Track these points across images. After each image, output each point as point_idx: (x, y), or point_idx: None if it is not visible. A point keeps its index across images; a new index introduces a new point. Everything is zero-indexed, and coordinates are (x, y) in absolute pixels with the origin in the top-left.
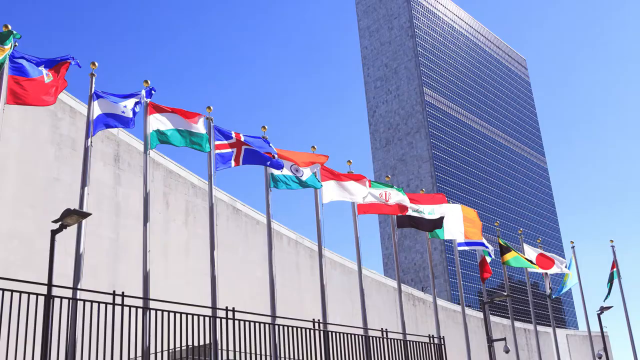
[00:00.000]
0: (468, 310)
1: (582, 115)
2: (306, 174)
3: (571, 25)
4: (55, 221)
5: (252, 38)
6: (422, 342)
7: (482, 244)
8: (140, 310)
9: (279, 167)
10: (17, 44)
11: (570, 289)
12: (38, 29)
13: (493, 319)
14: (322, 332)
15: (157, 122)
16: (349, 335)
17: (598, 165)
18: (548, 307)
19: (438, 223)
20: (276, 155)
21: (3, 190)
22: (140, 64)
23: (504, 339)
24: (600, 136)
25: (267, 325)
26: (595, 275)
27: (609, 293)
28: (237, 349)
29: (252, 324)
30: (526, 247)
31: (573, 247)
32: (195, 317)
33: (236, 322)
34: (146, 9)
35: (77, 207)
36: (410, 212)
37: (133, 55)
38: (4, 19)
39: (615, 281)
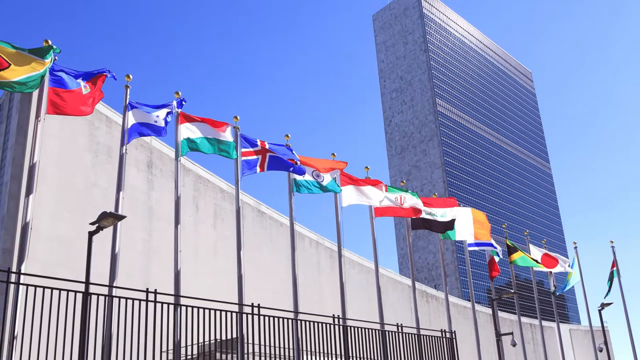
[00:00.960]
0: (478, 307)
1: (584, 123)
2: (326, 179)
3: (574, 41)
4: (92, 223)
5: (276, 53)
6: (434, 336)
7: (491, 245)
8: (171, 307)
9: (301, 172)
10: (56, 57)
11: (573, 287)
12: (77, 43)
13: (501, 314)
14: (341, 327)
15: (188, 130)
16: (366, 330)
17: (599, 170)
18: (552, 303)
19: (450, 225)
20: (298, 162)
21: (44, 194)
22: (171, 76)
23: (511, 334)
24: (601, 143)
25: (290, 321)
26: (596, 274)
27: (609, 290)
28: (262, 342)
29: (276, 319)
30: (532, 247)
31: (575, 247)
32: (223, 313)
33: (261, 317)
34: (177, 25)
35: (112, 211)
36: (423, 215)
37: (165, 67)
38: (44, 34)
39: (615, 279)
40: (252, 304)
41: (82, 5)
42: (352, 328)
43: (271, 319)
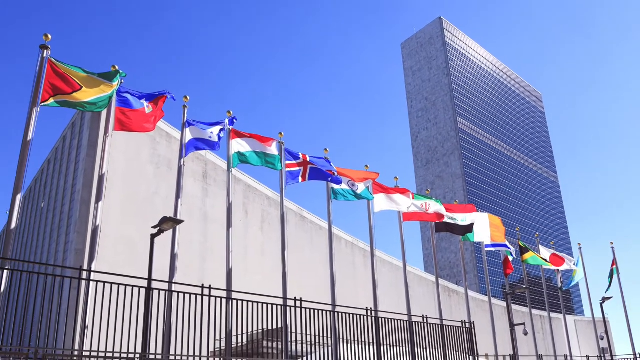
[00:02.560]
0: (494, 300)
1: (587, 138)
2: (360, 188)
3: (579, 67)
4: (154, 227)
5: (317, 77)
6: (456, 327)
7: (505, 246)
8: (224, 301)
9: (338, 182)
10: (122, 80)
11: (577, 283)
12: (141, 66)
13: (514, 307)
14: (373, 318)
15: (238, 145)
16: (395, 321)
17: (600, 180)
18: (559, 297)
19: (469, 228)
20: (336, 173)
21: (112, 202)
22: (224, 96)
23: (523, 324)
24: (602, 156)
25: (328, 313)
26: (598, 271)
27: (609, 286)
28: (304, 332)
29: (316, 311)
30: (541, 248)
31: (580, 248)
32: (270, 306)
33: (303, 310)
34: (230, 53)
35: (172, 216)
36: (446, 220)
37: (219, 89)
38: (111, 59)
39: (615, 276)
40: (295, 298)
41: (144, 36)
42: (383, 319)
43: (312, 311)
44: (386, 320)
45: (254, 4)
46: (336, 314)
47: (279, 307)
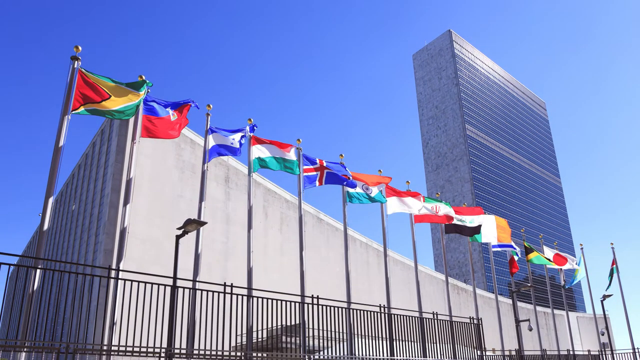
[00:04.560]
0: (500, 298)
1: (589, 144)
2: (374, 191)
3: (581, 77)
4: (179, 228)
5: (334, 87)
6: (464, 323)
7: (511, 246)
8: (245, 298)
9: (353, 186)
10: (149, 90)
11: (579, 281)
12: (167, 77)
13: (519, 304)
14: (386, 315)
15: (259, 151)
16: (407, 317)
17: (601, 184)
18: (562, 295)
19: (477, 230)
20: (351, 177)
21: (139, 204)
22: (245, 104)
23: (528, 320)
24: (603, 161)
25: (343, 309)
26: (599, 270)
27: (609, 284)
28: (321, 327)
29: (332, 308)
30: (545, 248)
31: (582, 248)
32: (288, 303)
33: (320, 306)
34: (251, 64)
35: (196, 217)
36: (455, 221)
37: (240, 97)
38: (138, 69)
39: (615, 275)
40: (312, 295)
41: (170, 47)
42: (396, 315)
43: (328, 308)
44: (398, 316)
45: (275, 20)
46: (351, 310)
47: (297, 304)
